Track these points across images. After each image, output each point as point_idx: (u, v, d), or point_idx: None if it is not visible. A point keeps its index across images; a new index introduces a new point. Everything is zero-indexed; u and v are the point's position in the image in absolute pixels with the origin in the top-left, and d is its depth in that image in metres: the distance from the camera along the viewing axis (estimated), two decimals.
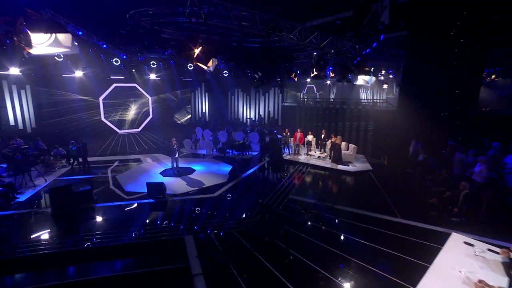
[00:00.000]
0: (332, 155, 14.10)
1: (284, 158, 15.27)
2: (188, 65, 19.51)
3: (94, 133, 17.40)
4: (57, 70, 16.17)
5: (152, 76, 19.51)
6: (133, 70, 18.17)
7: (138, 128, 19.37)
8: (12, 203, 10.01)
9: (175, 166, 13.37)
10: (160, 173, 13.40)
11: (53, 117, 16.56)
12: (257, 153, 17.06)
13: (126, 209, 9.62)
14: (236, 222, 8.49)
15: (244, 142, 16.24)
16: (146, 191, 10.48)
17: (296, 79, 16.04)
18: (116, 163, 14.82)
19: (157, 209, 9.68)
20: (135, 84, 19.06)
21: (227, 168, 13.91)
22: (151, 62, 18.09)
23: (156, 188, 10.33)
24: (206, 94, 22.53)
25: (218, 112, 21.90)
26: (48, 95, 16.34)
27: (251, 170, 13.80)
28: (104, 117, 18.16)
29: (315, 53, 15.98)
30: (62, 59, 15.30)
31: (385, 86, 22.57)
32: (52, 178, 12.58)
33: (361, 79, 14.34)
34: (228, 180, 12.33)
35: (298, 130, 15.40)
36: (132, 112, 19.07)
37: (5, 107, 15.54)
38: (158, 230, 8.05)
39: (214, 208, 9.53)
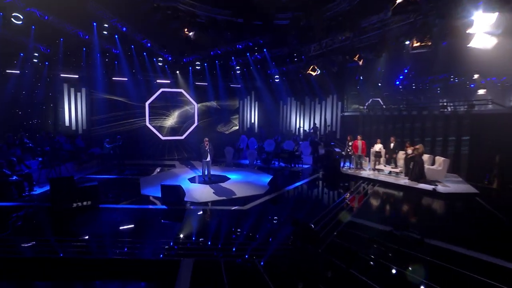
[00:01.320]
0: (411, 170, 10.59)
1: (344, 172, 12.23)
2: (236, 69, 18.21)
3: (137, 137, 16.93)
4: (108, 74, 16.30)
5: (197, 82, 18.62)
6: (177, 72, 17.52)
7: (182, 135, 18.40)
8: (25, 194, 9.18)
9: (206, 172, 11.49)
10: (189, 179, 11.67)
11: (102, 119, 16.55)
12: (308, 166, 14.31)
13: (133, 214, 7.85)
14: (259, 247, 5.95)
15: (293, 152, 13.72)
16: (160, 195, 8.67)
17: (361, 63, 13.15)
18: (157, 169, 13.64)
19: (167, 217, 7.70)
20: (181, 90, 18.42)
21: (268, 178, 11.50)
22: (196, 64, 17.25)
23: (172, 192, 8.46)
24: (256, 103, 20.93)
25: (268, 123, 19.93)
26: (99, 99, 16.45)
27: (298, 183, 11.16)
28: (149, 122, 17.63)
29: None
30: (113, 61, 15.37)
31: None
32: (80, 175, 11.79)
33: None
34: (267, 192, 9.89)
35: (359, 137, 12.34)
36: (176, 118, 18.26)
37: (63, 108, 15.99)
38: (153, 245, 5.97)
39: (237, 224, 7.16)
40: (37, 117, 15.58)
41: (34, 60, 14.36)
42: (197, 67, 17.52)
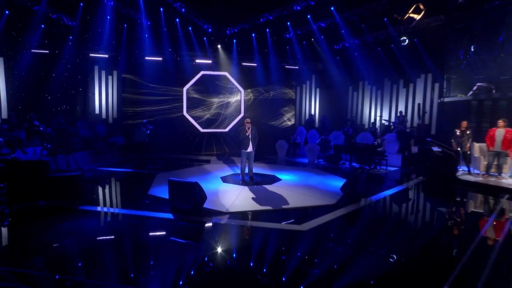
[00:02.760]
0: None
1: (460, 178, 7.90)
2: (293, 43, 14.81)
3: (173, 128, 14.58)
4: (140, 52, 14.36)
5: (244, 62, 15.67)
6: (219, 47, 14.79)
7: (225, 128, 15.61)
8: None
9: (246, 169, 8.30)
10: (222, 177, 8.60)
11: (134, 107, 14.60)
12: (396, 168, 10.16)
13: (119, 224, 4.96)
14: None
15: (374, 147, 9.74)
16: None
17: None
18: (187, 165, 10.95)
19: (172, 233, 4.64)
20: (225, 73, 15.70)
21: (339, 182, 7.80)
22: (242, 35, 14.31)
23: (184, 193, 5.40)
24: (317, 90, 17.22)
25: (332, 115, 16.03)
26: (132, 83, 14.56)
27: (390, 192, 7.22)
28: (187, 111, 15.22)
29: None
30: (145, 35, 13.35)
31: None
32: (90, 167, 9.59)
33: None
34: (339, 203, 6.25)
35: (501, 122, 7.78)
36: (218, 107, 15.54)
37: (94, 93, 14.46)
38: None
39: (287, 257, 3.75)
40: (66, 103, 14.22)
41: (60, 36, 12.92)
42: (242, 41, 14.60)
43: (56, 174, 5.72)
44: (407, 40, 12.68)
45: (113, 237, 4.51)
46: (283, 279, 3.34)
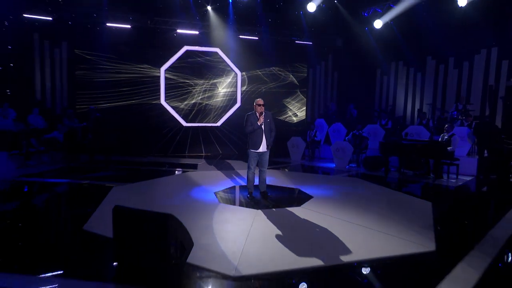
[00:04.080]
0: None
1: None
2: (306, 8, 12.26)
3: (145, 122, 11.86)
4: (99, 16, 11.56)
5: (242, 34, 13.10)
6: (209, 9, 12.07)
7: (216, 121, 12.97)
8: None
9: (256, 180, 5.78)
10: (217, 193, 6.02)
11: (90, 94, 11.77)
12: (471, 177, 7.73)
13: None
14: None
15: (444, 146, 7.22)
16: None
17: None
18: (164, 172, 8.32)
19: None
20: (217, 49, 13.06)
21: (413, 204, 5.33)
22: None
23: (148, 235, 2.69)
24: (335, 74, 14.72)
25: (357, 104, 13.53)
26: (88, 60, 11.70)
27: None
28: (165, 100, 12.51)
29: None
30: None
31: None
32: (10, 175, 6.86)
33: None
34: (443, 248, 3.72)
35: None
36: (208, 95, 12.90)
37: (33, 74, 11.54)
38: None
39: None
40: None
41: None
42: (242, 4, 11.95)
43: None
44: (465, 1, 10.29)
45: None
46: None
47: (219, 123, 13.11)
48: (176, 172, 8.47)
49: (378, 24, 12.19)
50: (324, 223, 4.52)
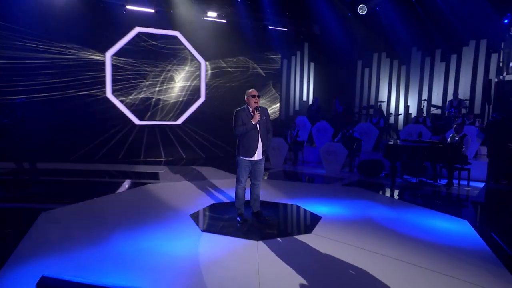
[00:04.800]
0: None
1: None
2: None
3: (89, 120, 10.05)
4: None
5: (207, 15, 11.78)
6: None
7: (176, 119, 11.48)
8: None
9: (250, 196, 4.60)
10: (194, 215, 4.75)
11: (9, 82, 9.66)
12: (483, 184, 7.20)
13: None
14: None
15: (457, 148, 6.57)
16: None
17: None
18: (114, 186, 6.77)
19: None
20: (176, 33, 11.55)
21: (437, 220, 4.52)
22: None
23: None
24: (312, 65, 13.90)
25: (332, 99, 12.81)
26: (6, 37, 9.58)
27: None
28: (113, 93, 10.77)
29: None
30: None
31: None
32: None
33: None
34: None
35: None
36: (164, 87, 11.36)
37: None
38: None
39: None
40: None
41: None
42: None
43: None
44: None
45: None
46: None
47: (179, 121, 11.63)
48: (131, 184, 6.96)
49: (362, 9, 11.53)
50: (351, 257, 3.49)
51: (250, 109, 4.57)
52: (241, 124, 4.49)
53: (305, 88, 13.96)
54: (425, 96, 12.12)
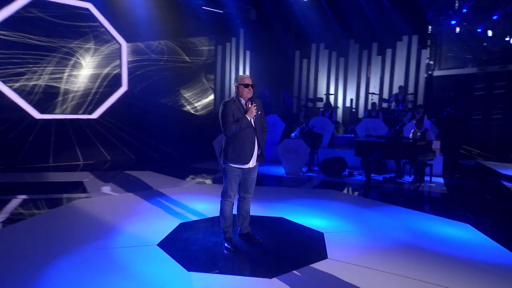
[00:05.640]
0: None
1: None
2: None
3: None
4: None
5: None
6: None
7: (91, 112, 9.56)
8: None
9: (237, 213, 3.64)
10: (163, 244, 3.60)
11: None
12: (441, 180, 7.34)
13: None
14: None
15: (428, 143, 6.54)
16: None
17: None
18: None
19: None
20: (88, 5, 9.51)
21: (442, 227, 4.25)
22: None
23: None
24: (248, 54, 13.10)
25: (273, 90, 12.27)
26: None
27: None
28: (1, 79, 8.36)
29: None
30: None
31: None
32: None
33: None
34: None
35: None
36: (78, 73, 9.35)
37: None
38: None
39: None
40: None
41: None
42: None
43: None
44: None
45: None
46: None
47: (95, 115, 9.73)
48: (48, 202, 5.23)
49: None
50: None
51: (242, 101, 3.58)
52: (232, 120, 3.47)
53: (229, 79, 13.10)
54: (363, 89, 12.42)
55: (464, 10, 12.38)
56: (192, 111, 11.59)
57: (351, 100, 12.47)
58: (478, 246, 3.92)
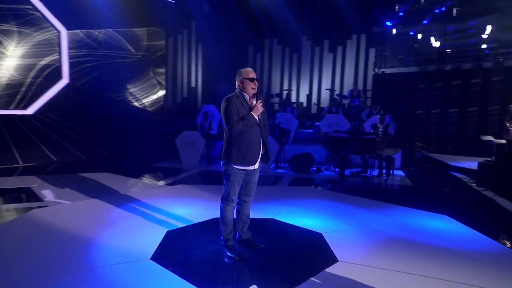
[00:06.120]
0: None
1: None
2: None
3: None
4: None
5: None
6: None
7: (26, 108, 8.41)
8: None
9: (236, 218, 3.40)
10: (156, 258, 3.16)
11: None
12: (401, 173, 7.70)
13: None
14: None
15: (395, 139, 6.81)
16: None
17: None
18: None
19: None
20: None
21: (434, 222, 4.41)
22: None
23: None
24: (199, 47, 12.55)
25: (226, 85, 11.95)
26: None
27: None
28: None
29: None
30: None
31: None
32: None
33: None
34: None
35: None
36: (8, 63, 8.13)
37: None
38: None
39: None
40: None
41: None
42: None
43: None
44: None
45: None
46: None
47: (31, 110, 8.57)
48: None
49: None
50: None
51: (246, 97, 3.29)
52: (237, 118, 3.16)
53: (194, 73, 12.56)
54: (315, 85, 12.66)
55: (401, 13, 13.25)
56: (141, 107, 10.80)
57: (307, 96, 12.66)
58: (463, 236, 4.12)
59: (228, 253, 3.33)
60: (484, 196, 5.96)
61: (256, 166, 3.33)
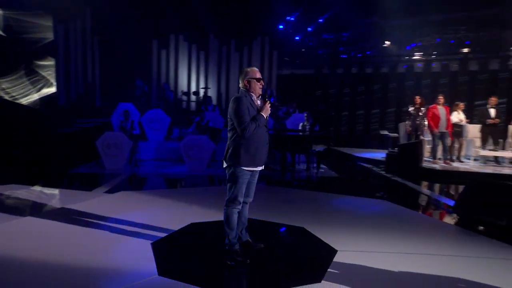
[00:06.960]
0: None
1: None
2: None
3: None
4: None
5: None
6: None
7: None
8: None
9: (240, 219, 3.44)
10: (166, 273, 2.99)
11: None
12: (324, 169, 8.49)
13: None
14: None
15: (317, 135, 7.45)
16: None
17: None
18: None
19: None
20: None
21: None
22: None
23: None
24: (96, 39, 11.06)
25: (125, 81, 10.96)
26: None
27: None
28: None
29: None
30: None
31: None
32: None
33: None
34: None
35: (440, 99, 7.85)
36: None
37: None
38: None
39: None
40: None
41: None
42: None
43: None
44: None
45: None
46: None
47: None
48: None
49: None
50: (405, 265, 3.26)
51: (254, 97, 3.23)
52: (248, 119, 3.08)
53: (90, 67, 11.12)
54: (223, 84, 12.74)
55: (292, 18, 14.45)
56: (27, 104, 9.12)
57: (217, 94, 12.66)
58: (405, 216, 4.88)
59: (237, 258, 3.18)
60: (395, 181, 7.13)
61: (262, 166, 3.32)
